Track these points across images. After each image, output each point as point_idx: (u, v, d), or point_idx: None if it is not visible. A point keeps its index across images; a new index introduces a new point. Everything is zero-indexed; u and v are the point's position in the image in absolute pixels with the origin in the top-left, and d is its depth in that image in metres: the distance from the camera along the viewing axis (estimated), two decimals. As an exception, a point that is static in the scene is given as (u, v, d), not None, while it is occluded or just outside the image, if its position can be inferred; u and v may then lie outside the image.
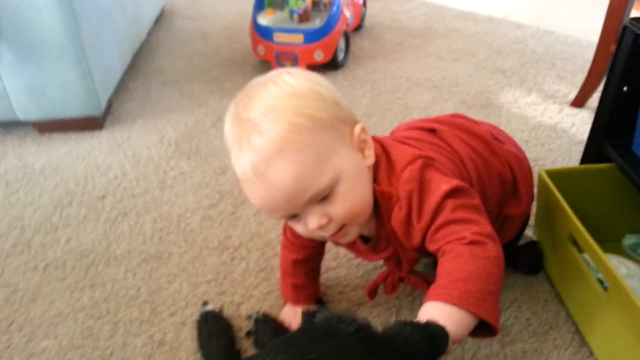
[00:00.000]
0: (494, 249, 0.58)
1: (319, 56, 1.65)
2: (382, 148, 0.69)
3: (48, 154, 1.39)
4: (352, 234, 0.68)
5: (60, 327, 0.90)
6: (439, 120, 0.82)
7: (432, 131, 0.78)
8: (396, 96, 1.57)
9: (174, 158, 1.35)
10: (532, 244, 0.97)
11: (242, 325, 0.89)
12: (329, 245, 0.91)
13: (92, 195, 1.22)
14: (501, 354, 0.83)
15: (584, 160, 0.99)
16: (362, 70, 1.74)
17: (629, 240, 1.00)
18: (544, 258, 0.96)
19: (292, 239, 0.83)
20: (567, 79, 1.62)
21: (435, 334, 0.43)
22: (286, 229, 0.84)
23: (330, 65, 1.72)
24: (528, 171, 0.86)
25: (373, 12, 2.18)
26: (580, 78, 1.57)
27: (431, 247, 0.63)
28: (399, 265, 0.78)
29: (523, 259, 0.95)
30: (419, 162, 0.64)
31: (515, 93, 1.56)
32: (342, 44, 1.72)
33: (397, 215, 0.65)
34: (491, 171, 0.78)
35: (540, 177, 0.92)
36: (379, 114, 1.48)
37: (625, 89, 0.88)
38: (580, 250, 0.83)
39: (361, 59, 1.82)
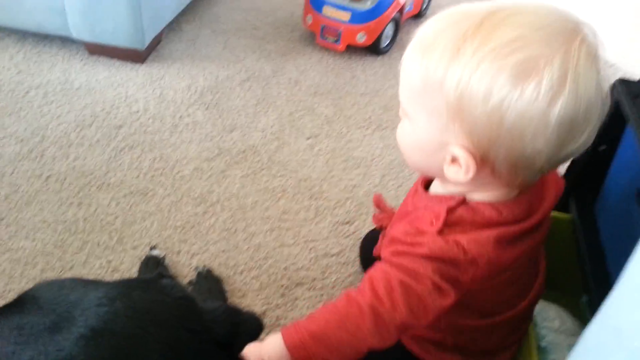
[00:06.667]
0: (365, 299, 0.57)
1: (361, 38, 1.66)
2: None
3: (89, 75, 1.52)
4: None
5: (40, 233, 1.03)
6: None
7: None
8: (424, 95, 1.57)
9: (193, 106, 1.44)
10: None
11: (190, 275, 0.99)
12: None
13: (111, 123, 1.34)
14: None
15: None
16: (403, 61, 1.74)
17: (584, 298, 0.98)
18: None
19: None
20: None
21: (247, 322, 0.49)
22: None
23: (371, 49, 1.73)
24: None
25: (442, 1, 2.14)
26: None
27: None
28: None
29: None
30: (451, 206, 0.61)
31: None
32: (389, 30, 1.72)
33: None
34: None
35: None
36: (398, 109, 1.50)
37: (602, 148, 0.86)
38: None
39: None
